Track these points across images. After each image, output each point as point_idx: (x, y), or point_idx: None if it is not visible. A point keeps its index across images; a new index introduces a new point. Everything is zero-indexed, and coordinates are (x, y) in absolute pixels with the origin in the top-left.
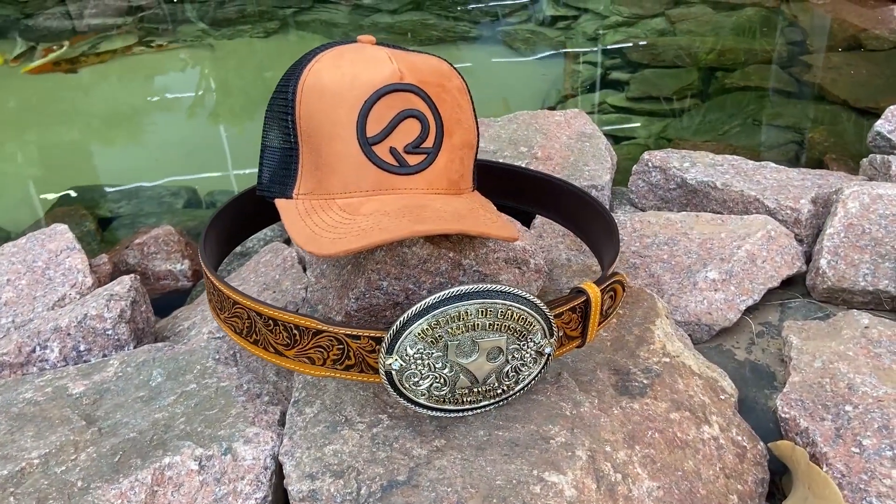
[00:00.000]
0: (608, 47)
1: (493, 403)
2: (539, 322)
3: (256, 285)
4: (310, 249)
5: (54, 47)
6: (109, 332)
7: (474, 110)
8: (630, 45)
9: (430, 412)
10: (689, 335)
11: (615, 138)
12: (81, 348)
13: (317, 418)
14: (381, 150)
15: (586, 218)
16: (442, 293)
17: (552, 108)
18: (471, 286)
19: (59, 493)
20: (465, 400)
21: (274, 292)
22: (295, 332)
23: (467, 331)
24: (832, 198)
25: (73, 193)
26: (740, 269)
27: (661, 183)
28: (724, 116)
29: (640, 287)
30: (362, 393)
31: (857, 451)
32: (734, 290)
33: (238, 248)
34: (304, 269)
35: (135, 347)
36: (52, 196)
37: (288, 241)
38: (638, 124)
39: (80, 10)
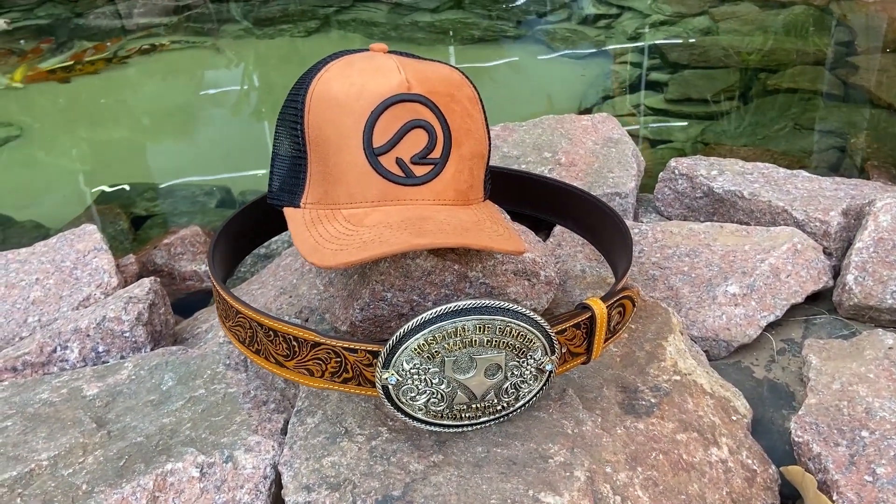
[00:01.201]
0: (653, 42)
1: (492, 419)
2: (539, 339)
3: (274, 289)
4: (312, 260)
5: (107, 43)
6: (127, 335)
7: (486, 120)
8: (679, 41)
9: (428, 427)
10: (706, 351)
11: (651, 142)
12: (100, 349)
13: (317, 429)
14: (388, 161)
15: (602, 228)
16: (439, 308)
17: (588, 111)
18: (469, 301)
19: (65, 495)
20: (463, 416)
21: (290, 297)
22: (294, 343)
23: (465, 347)
24: (864, 210)
25: (112, 192)
26: (762, 284)
27: (688, 191)
28: (765, 120)
29: (656, 301)
30: (364, 404)
31: (871, 479)
32: (755, 305)
33: (263, 250)
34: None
35: (152, 349)
36: (94, 190)
37: None
38: (686, 125)
39: (129, 10)
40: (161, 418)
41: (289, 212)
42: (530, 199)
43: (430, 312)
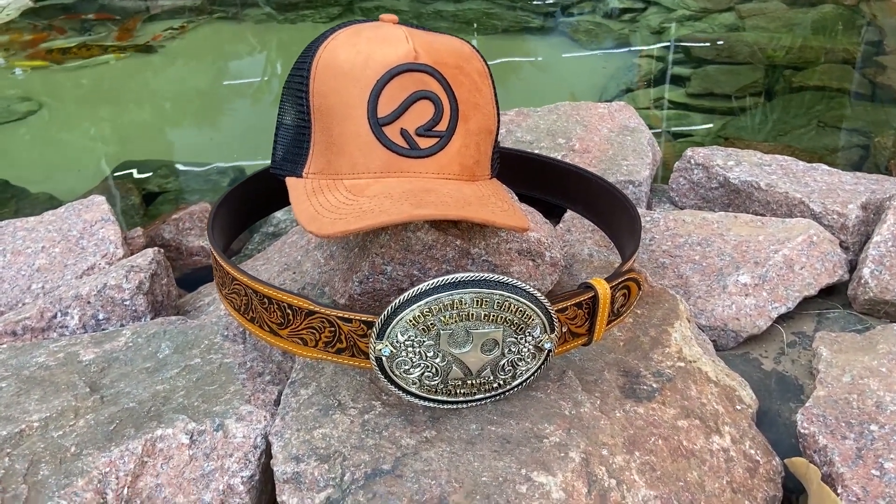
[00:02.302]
0: (677, 41)
1: (488, 397)
2: (539, 316)
3: (278, 265)
4: (310, 229)
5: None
6: (127, 303)
7: (495, 96)
8: (707, 44)
9: (422, 402)
10: (714, 341)
11: (674, 134)
12: (100, 317)
13: (310, 400)
14: (392, 132)
15: (611, 212)
16: (436, 280)
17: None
18: (467, 274)
19: (52, 456)
20: (458, 391)
21: (294, 273)
22: (288, 311)
23: (461, 320)
24: (885, 204)
25: (126, 172)
26: (775, 275)
27: (703, 181)
28: (788, 117)
29: (664, 287)
30: (358, 378)
31: (878, 473)
32: (766, 296)
33: (272, 229)
34: None
35: (152, 319)
36: (108, 168)
37: None
38: (710, 126)
39: None
40: (155, 385)
41: (291, 182)
42: (540, 181)
43: (426, 283)
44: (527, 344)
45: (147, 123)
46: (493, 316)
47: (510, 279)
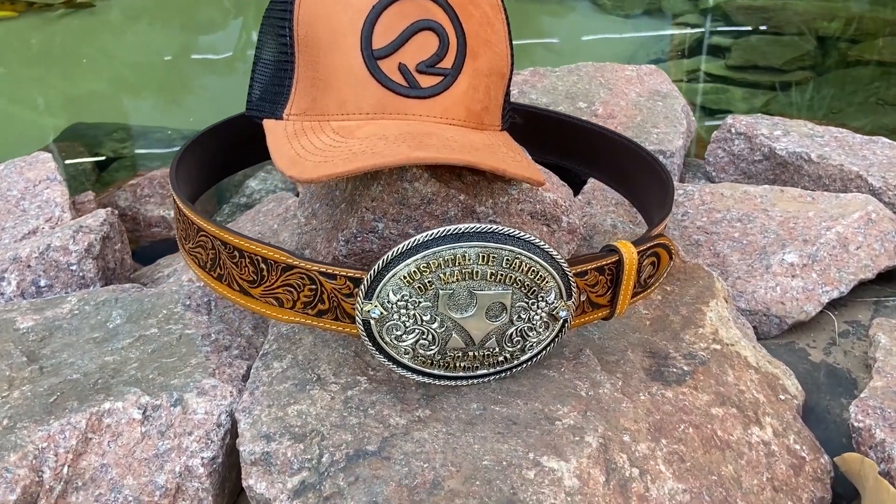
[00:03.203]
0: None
1: (492, 374)
2: (554, 278)
3: (252, 234)
4: (290, 174)
5: None
6: (74, 268)
7: (510, 34)
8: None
9: (415, 376)
10: (754, 327)
11: (707, 111)
12: (42, 283)
13: (285, 374)
14: (388, 67)
15: (639, 178)
16: (436, 230)
17: None
18: (472, 225)
19: None
20: (457, 364)
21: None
22: (262, 266)
23: (464, 279)
24: None
25: (76, 136)
26: (827, 255)
27: (745, 153)
28: (842, 93)
29: (698, 264)
30: (342, 350)
31: None
32: (816, 277)
33: (244, 200)
34: None
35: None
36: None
37: (296, 191)
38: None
39: None
40: (103, 356)
41: (269, 124)
42: (556, 142)
43: (424, 234)
44: (539, 311)
45: (103, 95)
46: (502, 275)
47: (523, 233)
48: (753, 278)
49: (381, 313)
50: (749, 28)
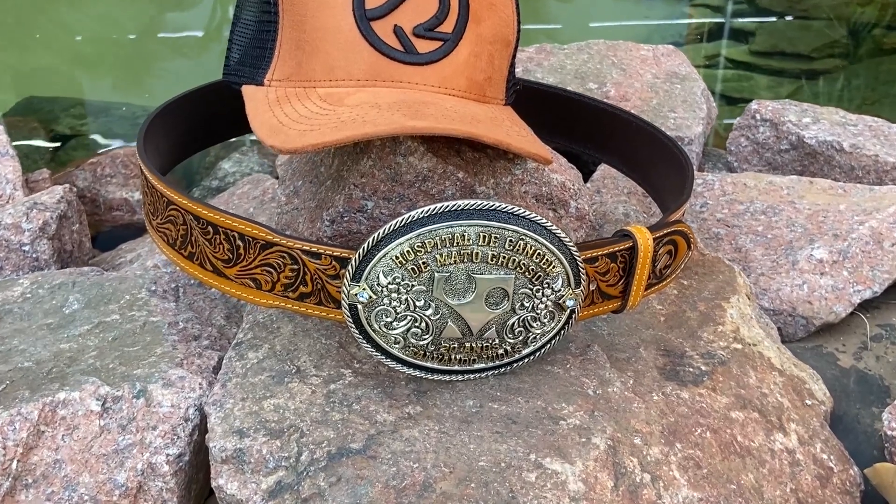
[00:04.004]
0: None
1: (491, 369)
2: (562, 264)
3: None
4: (272, 143)
5: None
6: (26, 248)
7: (517, 2)
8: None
9: (406, 369)
10: (778, 329)
11: (728, 99)
12: None
13: (261, 365)
14: (383, 29)
15: (654, 162)
16: (433, 206)
17: None
18: (473, 201)
19: None
20: (453, 357)
21: None
22: (238, 243)
23: (462, 261)
24: None
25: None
26: (859, 251)
27: (771, 142)
28: (877, 83)
29: (718, 257)
30: (325, 341)
31: None
32: (847, 276)
33: (215, 183)
34: None
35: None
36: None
37: (274, 172)
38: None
39: None
40: (59, 343)
41: (248, 90)
42: (563, 123)
43: (419, 210)
44: (544, 299)
45: (56, 69)
46: (504, 258)
47: (529, 212)
48: (778, 275)
49: (370, 297)
50: (774, 17)
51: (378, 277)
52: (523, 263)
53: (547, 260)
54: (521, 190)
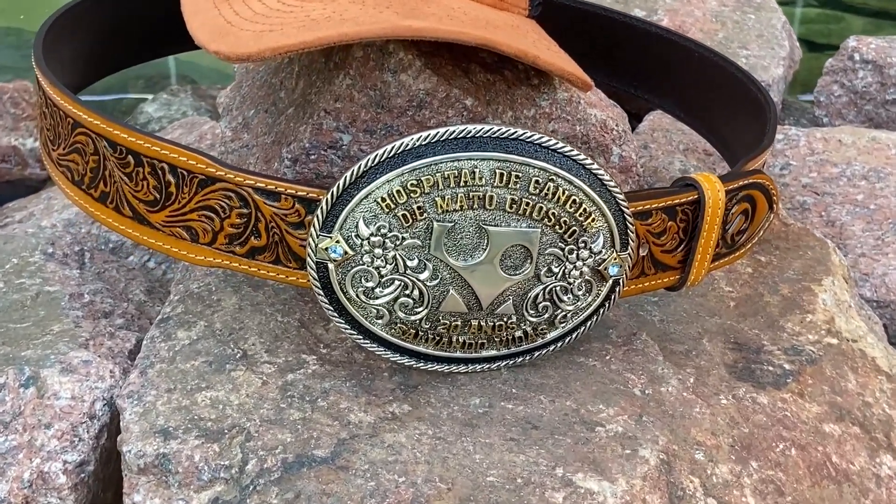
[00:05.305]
0: None
1: (505, 357)
2: (605, 217)
3: None
4: (216, 48)
5: None
6: None
7: None
8: None
9: (391, 354)
10: (884, 326)
11: (811, 45)
12: None
13: (194, 348)
14: None
15: (721, 99)
16: (431, 132)
17: None
18: (487, 126)
19: None
20: (454, 339)
21: None
22: (169, 178)
23: (471, 207)
24: None
25: None
26: None
27: (873, 90)
28: None
29: (806, 227)
30: (280, 318)
31: None
32: None
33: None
34: None
35: None
36: None
37: (214, 114)
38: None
39: None
40: None
41: None
42: (605, 51)
43: (414, 137)
44: (580, 263)
45: None
46: (527, 205)
47: (563, 144)
48: (885, 256)
49: (345, 253)
50: None
51: (356, 226)
52: (553, 213)
53: (585, 210)
54: (549, 128)
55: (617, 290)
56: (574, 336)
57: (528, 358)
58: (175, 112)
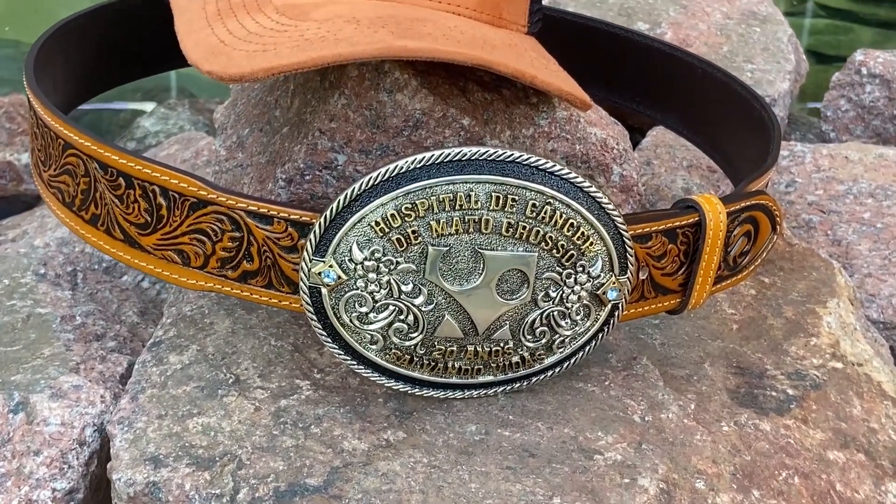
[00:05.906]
0: None
1: (502, 383)
2: (603, 241)
3: None
4: (209, 68)
5: None
6: None
7: None
8: None
9: (386, 380)
10: (890, 348)
11: (820, 56)
12: None
13: (186, 373)
14: None
15: (724, 116)
16: (426, 154)
17: None
18: (483, 148)
19: None
20: (450, 364)
21: None
22: (161, 201)
23: (467, 231)
24: None
25: None
26: None
27: (881, 105)
28: None
29: (810, 248)
30: (274, 342)
31: None
32: None
33: (132, 144)
34: None
35: None
36: None
37: (211, 129)
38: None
39: None
40: None
41: (179, 2)
42: (606, 67)
43: (409, 160)
44: (578, 287)
45: None
46: (524, 229)
47: (560, 167)
48: (892, 276)
49: (339, 278)
50: None
51: (350, 251)
52: (550, 237)
53: (583, 234)
54: (548, 147)
55: (616, 314)
56: (572, 361)
57: (525, 384)
58: (172, 126)
